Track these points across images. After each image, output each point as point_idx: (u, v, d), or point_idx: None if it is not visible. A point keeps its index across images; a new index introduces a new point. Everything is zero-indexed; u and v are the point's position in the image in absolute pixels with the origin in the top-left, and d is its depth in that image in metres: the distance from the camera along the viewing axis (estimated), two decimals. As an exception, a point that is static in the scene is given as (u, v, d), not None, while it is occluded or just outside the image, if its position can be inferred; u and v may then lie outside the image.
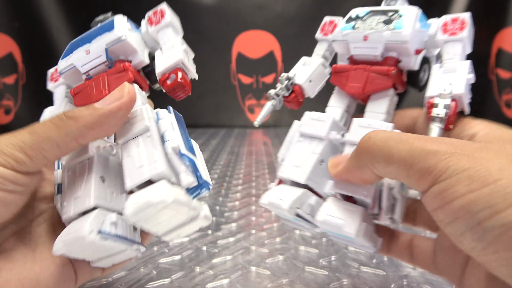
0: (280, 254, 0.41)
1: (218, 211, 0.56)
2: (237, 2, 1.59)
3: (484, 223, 0.17)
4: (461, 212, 0.18)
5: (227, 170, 0.84)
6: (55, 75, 0.35)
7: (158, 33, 0.33)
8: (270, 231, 0.48)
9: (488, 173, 0.18)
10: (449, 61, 0.30)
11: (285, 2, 1.59)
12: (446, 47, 0.30)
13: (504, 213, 0.17)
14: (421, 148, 0.20)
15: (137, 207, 0.23)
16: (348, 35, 0.32)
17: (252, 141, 1.27)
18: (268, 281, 0.35)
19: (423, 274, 0.37)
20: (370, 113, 0.31)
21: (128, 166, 0.26)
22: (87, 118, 0.25)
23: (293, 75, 0.35)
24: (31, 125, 0.26)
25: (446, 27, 0.30)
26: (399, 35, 0.30)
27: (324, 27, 0.37)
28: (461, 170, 0.18)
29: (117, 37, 0.30)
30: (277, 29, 1.60)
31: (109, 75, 0.30)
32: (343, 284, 0.35)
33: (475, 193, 0.18)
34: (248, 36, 1.60)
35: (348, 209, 0.27)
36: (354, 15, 0.33)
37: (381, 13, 0.32)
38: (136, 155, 0.26)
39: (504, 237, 0.17)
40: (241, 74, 1.66)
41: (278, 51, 1.59)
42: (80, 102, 0.30)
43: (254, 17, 1.59)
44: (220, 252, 0.42)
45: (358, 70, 0.32)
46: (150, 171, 0.25)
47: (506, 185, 0.17)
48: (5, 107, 1.36)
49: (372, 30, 0.31)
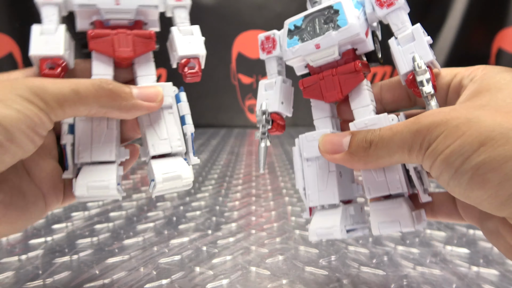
0: (280, 254, 0.41)
1: (218, 211, 0.56)
2: (237, 2, 1.59)
3: (459, 169, 0.21)
4: (443, 166, 0.22)
5: (227, 170, 0.84)
6: None
7: (175, 10, 0.34)
8: (270, 231, 0.49)
9: (457, 128, 0.22)
10: (401, 31, 0.30)
11: (285, 2, 1.60)
12: (391, 19, 0.31)
13: (471, 157, 0.21)
14: (416, 130, 0.24)
15: (168, 177, 0.30)
16: (299, 50, 0.32)
17: (252, 141, 1.27)
18: (268, 281, 0.36)
19: (422, 274, 0.37)
20: (358, 110, 0.32)
21: (151, 135, 0.32)
22: (122, 103, 0.29)
23: (266, 106, 0.35)
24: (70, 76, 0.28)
25: (380, 1, 0.30)
26: (348, 30, 0.30)
27: (264, 46, 0.36)
28: (440, 134, 0.22)
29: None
30: (277, 29, 1.60)
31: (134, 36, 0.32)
32: (343, 284, 0.35)
33: (450, 147, 0.22)
34: (248, 36, 1.60)
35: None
36: (292, 27, 0.33)
37: (317, 14, 0.32)
38: (159, 127, 0.32)
39: (475, 177, 0.21)
40: (241, 74, 1.66)
41: (278, 51, 1.59)
42: (99, 49, 0.32)
43: (254, 17, 1.59)
44: (220, 252, 0.42)
45: (327, 77, 0.32)
46: (173, 147, 0.32)
47: (472, 135, 0.21)
48: (5, 107, 1.36)
49: (320, 36, 0.31)
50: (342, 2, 0.31)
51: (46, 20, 0.32)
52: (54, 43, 0.31)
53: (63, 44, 0.31)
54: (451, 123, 0.22)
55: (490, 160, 0.20)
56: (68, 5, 0.32)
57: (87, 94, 0.27)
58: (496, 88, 0.24)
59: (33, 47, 0.31)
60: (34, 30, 0.31)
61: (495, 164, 0.20)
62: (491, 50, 1.40)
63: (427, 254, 0.42)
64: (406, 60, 0.30)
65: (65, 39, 0.32)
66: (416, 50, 0.29)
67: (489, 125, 0.21)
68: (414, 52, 0.29)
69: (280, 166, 0.89)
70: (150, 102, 0.30)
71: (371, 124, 0.29)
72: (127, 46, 0.32)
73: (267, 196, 0.64)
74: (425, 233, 0.48)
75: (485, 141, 0.21)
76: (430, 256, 0.41)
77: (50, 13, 0.32)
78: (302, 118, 1.54)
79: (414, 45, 0.30)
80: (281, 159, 0.98)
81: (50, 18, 0.32)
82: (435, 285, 0.35)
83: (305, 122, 1.59)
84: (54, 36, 0.31)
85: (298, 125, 1.61)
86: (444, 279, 0.36)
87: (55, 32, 0.31)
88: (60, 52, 0.31)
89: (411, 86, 0.29)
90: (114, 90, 0.28)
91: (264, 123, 0.34)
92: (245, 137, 1.37)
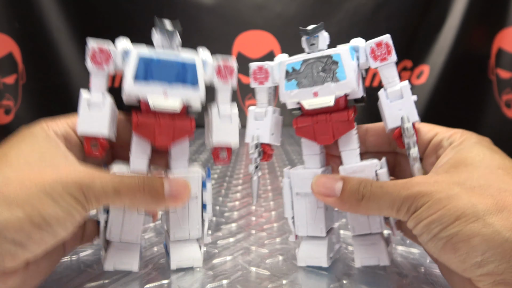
0: (280, 255, 0.41)
1: (218, 211, 0.56)
2: (237, 2, 1.59)
3: (436, 235, 0.26)
4: (424, 229, 0.27)
5: (227, 170, 0.84)
6: (99, 56, 0.33)
7: (219, 89, 0.36)
8: (270, 231, 0.48)
9: (439, 202, 0.26)
10: (390, 85, 0.34)
11: (285, 2, 1.60)
12: (382, 72, 0.34)
13: (448, 227, 0.26)
14: (405, 196, 0.28)
15: (181, 266, 0.37)
16: (297, 95, 0.34)
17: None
18: (268, 281, 0.36)
19: (423, 274, 0.37)
20: (346, 152, 0.35)
21: (174, 221, 0.36)
22: (153, 205, 0.33)
23: (257, 138, 0.36)
24: (111, 172, 0.32)
25: (375, 54, 0.33)
26: (346, 85, 0.32)
27: (256, 75, 0.37)
28: (425, 203, 0.27)
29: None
30: (277, 29, 1.60)
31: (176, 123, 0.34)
32: (343, 284, 0.35)
33: (432, 216, 0.26)
34: (248, 36, 1.60)
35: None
36: (290, 69, 0.34)
37: (316, 61, 0.33)
38: (182, 215, 0.36)
39: (448, 243, 0.26)
40: (241, 74, 1.66)
41: (278, 51, 1.59)
42: (141, 134, 0.34)
43: (254, 17, 1.59)
44: (220, 252, 0.42)
45: (320, 122, 0.35)
46: (191, 235, 0.37)
47: (451, 209, 0.26)
48: (5, 107, 1.36)
49: (319, 86, 0.33)
50: (342, 54, 0.33)
51: (94, 88, 0.33)
52: (100, 121, 0.33)
53: (108, 123, 0.33)
54: (435, 196, 0.27)
55: (462, 233, 0.25)
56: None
57: (126, 194, 0.29)
58: (473, 165, 0.29)
59: (81, 124, 0.32)
60: (83, 100, 0.33)
61: (465, 236, 0.25)
62: (491, 50, 1.40)
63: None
64: (394, 116, 0.33)
65: (111, 113, 0.33)
66: (403, 108, 0.33)
67: (465, 203, 0.26)
68: (402, 109, 0.33)
69: (280, 166, 0.89)
70: (178, 200, 0.33)
71: (359, 171, 0.34)
72: (167, 135, 0.34)
73: (267, 196, 0.64)
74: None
75: (460, 216, 0.25)
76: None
77: (98, 82, 0.33)
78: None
79: (402, 103, 0.33)
80: (281, 159, 0.97)
81: (98, 87, 0.33)
82: (436, 285, 0.35)
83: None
84: (101, 113, 0.33)
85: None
86: (445, 279, 0.36)
87: (102, 107, 0.33)
88: (105, 133, 0.33)
89: (397, 140, 0.33)
90: (149, 193, 0.31)
91: (256, 156, 0.36)
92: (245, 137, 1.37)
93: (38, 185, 0.26)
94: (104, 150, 0.33)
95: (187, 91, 0.33)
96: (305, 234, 0.37)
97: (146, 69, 0.32)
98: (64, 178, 0.27)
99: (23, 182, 0.26)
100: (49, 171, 0.27)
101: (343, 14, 1.55)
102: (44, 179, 0.26)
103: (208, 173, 0.37)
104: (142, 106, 0.34)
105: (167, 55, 0.33)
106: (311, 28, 0.33)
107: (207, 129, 0.38)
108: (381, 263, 0.35)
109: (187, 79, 0.33)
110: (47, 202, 0.25)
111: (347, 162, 0.35)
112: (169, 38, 0.33)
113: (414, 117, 0.33)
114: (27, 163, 0.27)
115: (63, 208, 0.26)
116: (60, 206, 0.26)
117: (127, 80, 0.32)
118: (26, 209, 0.24)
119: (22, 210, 0.24)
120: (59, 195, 0.26)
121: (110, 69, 0.33)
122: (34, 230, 0.25)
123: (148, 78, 0.32)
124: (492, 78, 1.39)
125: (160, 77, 0.32)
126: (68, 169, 0.28)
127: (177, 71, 0.33)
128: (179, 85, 0.33)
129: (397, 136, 0.33)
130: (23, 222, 0.24)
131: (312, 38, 0.34)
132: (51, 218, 0.25)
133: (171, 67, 0.32)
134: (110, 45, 0.33)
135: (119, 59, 0.33)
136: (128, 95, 0.33)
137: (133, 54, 0.32)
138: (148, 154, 0.35)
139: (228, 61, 0.36)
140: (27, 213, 0.24)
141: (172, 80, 0.32)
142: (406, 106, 0.33)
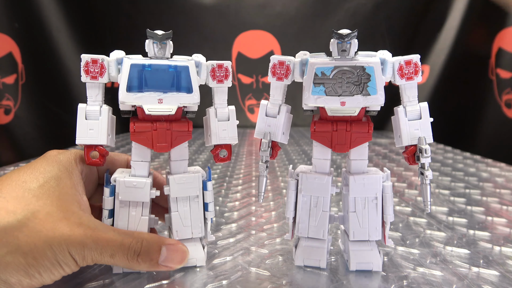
0: (280, 255, 0.41)
1: (218, 212, 0.56)
2: (237, 2, 1.59)
3: None
4: None
5: (227, 170, 0.84)
6: (93, 69, 0.33)
7: (215, 91, 0.37)
8: (270, 231, 0.48)
9: None
10: (410, 103, 0.35)
11: (285, 2, 1.59)
12: (405, 90, 0.35)
13: None
14: None
15: (184, 264, 0.35)
16: (324, 101, 0.33)
17: (252, 141, 1.27)
18: (268, 282, 0.35)
19: (423, 275, 0.37)
20: (356, 161, 0.37)
21: (176, 221, 0.37)
22: (146, 269, 0.33)
23: (269, 137, 0.36)
24: (112, 237, 0.31)
25: (403, 71, 0.34)
26: (375, 100, 0.33)
27: (275, 70, 0.36)
28: None
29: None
30: (277, 29, 1.59)
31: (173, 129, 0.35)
32: (343, 284, 0.35)
33: None
34: (248, 36, 1.60)
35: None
36: (319, 73, 0.33)
37: (347, 70, 0.33)
38: (184, 215, 0.37)
39: None
40: (241, 74, 1.65)
41: (278, 51, 1.59)
42: (139, 141, 0.34)
43: (254, 17, 1.59)
44: (220, 252, 0.42)
45: (340, 131, 0.35)
46: (194, 234, 0.37)
47: None
48: (4, 107, 1.36)
49: (348, 97, 0.33)
50: (375, 67, 0.33)
51: (90, 100, 0.34)
52: (98, 131, 0.34)
53: (106, 132, 0.34)
54: None
55: None
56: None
57: (120, 260, 0.31)
58: None
59: (79, 135, 0.34)
60: (80, 112, 0.34)
61: None
62: (491, 50, 1.40)
63: (427, 255, 0.42)
64: (411, 134, 0.35)
65: (108, 123, 0.34)
66: (420, 128, 0.34)
67: None
68: (419, 129, 0.34)
69: (280, 166, 0.89)
70: (172, 268, 0.34)
71: (369, 183, 0.36)
72: (165, 142, 0.35)
73: (267, 196, 0.64)
74: (425, 234, 0.48)
75: None
76: (430, 256, 0.41)
77: (94, 94, 0.34)
78: (302, 118, 1.54)
79: (420, 123, 0.34)
80: (281, 159, 0.97)
81: (94, 98, 0.34)
82: (436, 285, 0.35)
83: (305, 123, 1.59)
84: (98, 122, 0.34)
85: (298, 125, 1.61)
86: (444, 279, 0.36)
87: (99, 116, 0.34)
88: (104, 142, 0.34)
89: (410, 157, 0.35)
90: (143, 261, 0.32)
91: (268, 154, 0.36)
92: (245, 137, 1.37)
93: (47, 241, 0.28)
94: (104, 158, 0.34)
95: (182, 97, 0.34)
96: (306, 235, 0.38)
97: (140, 78, 0.33)
98: (72, 237, 0.29)
99: (35, 230, 0.28)
100: (60, 227, 0.29)
101: (343, 14, 1.55)
102: (55, 234, 0.29)
103: (208, 173, 0.37)
104: (139, 113, 0.34)
105: (160, 63, 0.33)
106: (346, 33, 0.32)
107: (206, 129, 0.38)
108: (374, 269, 0.37)
109: (181, 86, 0.33)
110: (48, 257, 0.28)
111: (356, 171, 0.37)
112: (162, 48, 0.33)
113: (430, 139, 0.34)
114: (47, 194, 0.30)
115: (60, 264, 0.29)
116: (58, 261, 0.29)
117: (121, 89, 0.32)
118: (28, 260, 0.28)
119: (24, 259, 0.27)
120: (61, 253, 0.29)
121: (105, 80, 0.34)
122: (25, 276, 0.28)
123: (142, 87, 0.33)
124: (492, 78, 1.39)
125: (154, 86, 0.33)
126: (77, 227, 0.30)
127: (171, 78, 0.33)
128: (174, 92, 0.33)
129: (411, 154, 0.35)
130: (19, 269, 0.27)
131: (344, 44, 0.33)
132: (46, 270, 0.28)
133: (164, 75, 0.33)
134: (104, 57, 0.34)
135: (113, 70, 0.34)
136: (123, 104, 0.33)
137: (126, 64, 0.33)
138: (148, 159, 0.36)
139: (222, 63, 0.36)
140: (27, 263, 0.27)
141: (166, 87, 0.33)
142: (423, 127, 0.34)
